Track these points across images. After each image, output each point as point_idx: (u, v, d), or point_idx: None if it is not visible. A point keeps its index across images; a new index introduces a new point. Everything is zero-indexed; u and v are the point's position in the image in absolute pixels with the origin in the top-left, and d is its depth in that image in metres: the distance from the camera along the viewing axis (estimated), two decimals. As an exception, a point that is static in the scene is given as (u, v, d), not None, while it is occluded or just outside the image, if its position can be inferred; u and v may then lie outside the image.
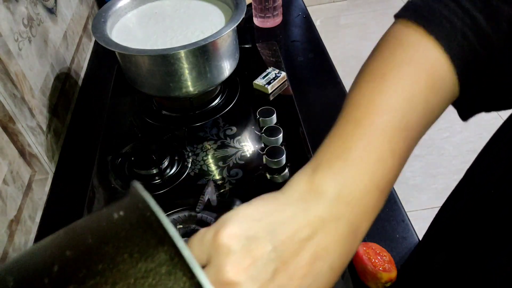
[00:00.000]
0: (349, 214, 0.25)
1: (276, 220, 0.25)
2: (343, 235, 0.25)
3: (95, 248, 0.21)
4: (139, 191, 0.24)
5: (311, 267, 0.24)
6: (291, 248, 0.24)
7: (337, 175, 0.26)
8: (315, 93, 0.89)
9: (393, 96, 0.27)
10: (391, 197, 0.66)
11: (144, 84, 0.78)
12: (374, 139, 0.26)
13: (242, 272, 0.24)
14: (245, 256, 0.24)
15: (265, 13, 1.09)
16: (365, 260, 0.54)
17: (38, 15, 0.84)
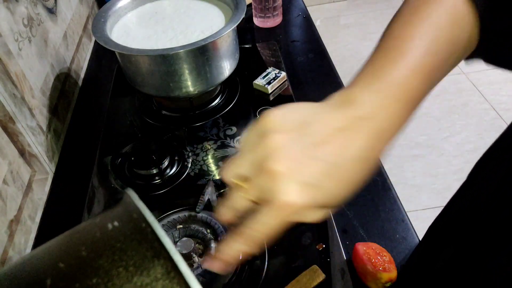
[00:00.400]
0: (379, 118, 0.29)
1: (317, 112, 0.29)
2: (372, 133, 0.29)
3: (89, 261, 0.20)
4: (133, 200, 0.23)
5: (340, 150, 0.28)
6: (326, 134, 0.28)
7: (367, 88, 0.30)
8: (315, 93, 0.89)
9: (423, 28, 0.31)
10: (391, 197, 0.67)
11: (144, 84, 0.78)
12: (407, 61, 0.30)
13: (284, 139, 0.28)
14: (288, 129, 0.28)
15: (265, 13, 1.09)
16: (365, 260, 0.54)
17: (38, 15, 0.84)
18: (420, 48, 0.30)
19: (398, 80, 0.29)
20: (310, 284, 0.54)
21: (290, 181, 0.27)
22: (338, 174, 0.28)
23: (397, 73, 0.30)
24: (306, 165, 0.27)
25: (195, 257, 0.57)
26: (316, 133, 0.28)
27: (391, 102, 0.29)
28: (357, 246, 0.56)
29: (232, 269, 0.35)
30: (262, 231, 0.28)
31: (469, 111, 1.94)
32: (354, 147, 0.28)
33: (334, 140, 0.28)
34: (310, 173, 0.28)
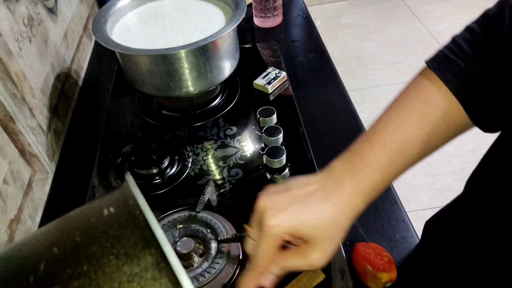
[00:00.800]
0: (347, 182, 0.37)
1: (296, 180, 0.39)
2: (340, 201, 0.37)
3: (82, 247, 0.20)
4: (131, 186, 0.23)
5: (306, 193, 0.37)
6: (303, 187, 0.38)
7: (344, 162, 0.39)
8: (315, 93, 0.89)
9: (396, 126, 0.39)
10: (391, 197, 0.67)
11: (144, 84, 0.78)
12: (380, 161, 0.38)
13: (265, 198, 0.37)
14: (269, 194, 0.38)
15: (265, 13, 1.09)
16: (365, 260, 0.54)
17: (39, 15, 0.84)
18: (390, 129, 0.38)
19: (365, 154, 0.38)
20: (310, 284, 0.54)
21: (272, 210, 0.36)
22: (311, 211, 0.36)
23: (366, 149, 0.38)
24: (285, 203, 0.36)
25: (195, 257, 0.57)
26: (298, 187, 0.38)
27: (357, 169, 0.38)
28: (357, 246, 0.56)
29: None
30: (259, 256, 0.37)
31: (469, 111, 1.93)
32: (330, 198, 0.37)
33: (314, 193, 0.37)
34: (283, 207, 0.36)
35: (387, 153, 0.38)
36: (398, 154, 0.38)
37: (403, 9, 2.77)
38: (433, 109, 0.38)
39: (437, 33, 2.49)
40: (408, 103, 0.39)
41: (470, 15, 1.74)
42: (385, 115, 0.40)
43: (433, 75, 0.39)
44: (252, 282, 0.38)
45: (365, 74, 2.29)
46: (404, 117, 0.38)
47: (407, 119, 0.38)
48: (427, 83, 0.39)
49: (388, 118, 0.39)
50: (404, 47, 2.42)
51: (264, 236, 0.36)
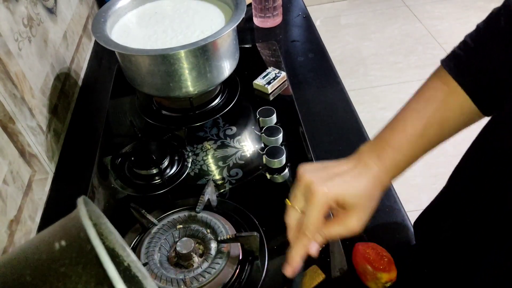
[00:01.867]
0: (375, 168, 0.43)
1: (329, 163, 0.45)
2: (371, 176, 0.43)
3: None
4: (81, 216, 0.22)
5: (344, 169, 0.43)
6: (338, 167, 0.43)
7: (372, 148, 0.45)
8: (315, 93, 0.89)
9: (415, 113, 0.44)
10: (391, 197, 0.66)
11: (144, 84, 0.78)
12: (401, 136, 0.44)
13: (308, 173, 0.43)
14: (312, 169, 0.43)
15: (265, 13, 1.09)
16: (365, 260, 0.54)
17: (38, 15, 0.84)
18: (410, 116, 0.44)
19: (388, 137, 0.44)
20: (310, 284, 0.54)
21: (319, 183, 0.41)
22: (352, 183, 0.42)
23: (389, 133, 0.45)
24: (328, 178, 0.41)
25: (195, 257, 0.57)
26: (334, 167, 0.43)
27: (380, 149, 0.44)
28: (357, 246, 0.56)
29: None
30: (308, 221, 0.41)
31: (469, 111, 1.93)
32: (362, 175, 0.42)
33: (349, 171, 0.43)
34: (328, 178, 0.41)
35: (408, 136, 0.43)
36: (418, 137, 0.43)
37: (403, 9, 2.77)
38: (451, 97, 0.43)
39: (437, 33, 2.49)
40: (427, 94, 0.45)
41: (469, 15, 1.77)
42: (406, 106, 0.46)
43: (446, 71, 0.44)
44: (303, 249, 0.42)
45: (365, 74, 2.29)
46: (423, 105, 0.44)
47: (426, 106, 0.44)
48: (444, 75, 0.44)
49: (408, 108, 0.45)
50: (404, 47, 2.42)
51: (314, 203, 0.40)
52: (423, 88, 0.46)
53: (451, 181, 0.52)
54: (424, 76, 0.47)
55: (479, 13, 2.70)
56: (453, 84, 0.43)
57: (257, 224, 0.62)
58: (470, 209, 0.45)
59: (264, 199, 0.67)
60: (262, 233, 0.61)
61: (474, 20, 0.43)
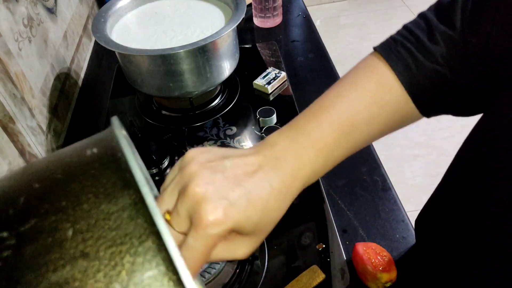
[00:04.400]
0: (290, 160, 0.33)
1: (234, 153, 0.33)
2: (286, 172, 0.32)
3: (62, 184, 0.21)
4: (115, 129, 0.23)
5: (254, 179, 0.31)
6: (241, 167, 0.31)
7: (282, 134, 0.35)
8: (315, 93, 0.89)
9: (346, 90, 0.37)
10: (391, 197, 0.67)
11: (144, 84, 0.78)
12: (324, 117, 0.36)
13: (202, 168, 0.31)
14: (206, 161, 0.31)
15: (265, 13, 1.09)
16: (365, 260, 0.54)
17: (38, 15, 0.84)
18: (340, 106, 0.36)
19: (311, 130, 0.35)
20: (310, 284, 0.54)
21: (213, 201, 0.28)
22: (254, 199, 0.30)
23: (312, 124, 0.35)
24: (227, 189, 0.29)
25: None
26: (230, 167, 0.31)
27: (300, 147, 0.33)
28: (357, 246, 0.56)
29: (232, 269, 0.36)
30: (190, 256, 0.28)
31: (469, 111, 1.94)
32: (267, 179, 0.31)
33: (249, 172, 0.31)
34: (228, 196, 0.29)
35: (334, 134, 0.35)
36: (344, 136, 0.35)
37: (403, 9, 2.77)
38: (384, 91, 0.37)
39: (437, 33, 2.49)
40: (359, 82, 0.37)
41: (470, 15, 1.67)
42: (334, 91, 0.38)
43: (383, 60, 0.38)
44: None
45: (365, 74, 2.29)
46: (355, 95, 0.36)
47: (357, 97, 0.36)
48: (379, 64, 0.38)
49: (337, 94, 0.38)
50: (404, 47, 2.42)
51: (201, 236, 0.28)
52: (357, 73, 0.39)
53: (446, 177, 0.52)
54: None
55: (479, 13, 2.71)
56: (389, 76, 0.37)
57: (257, 224, 0.62)
58: (463, 207, 0.45)
59: (264, 199, 0.67)
60: (262, 233, 0.61)
61: (474, 20, 0.42)
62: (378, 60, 0.38)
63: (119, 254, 0.18)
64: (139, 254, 0.18)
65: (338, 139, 0.35)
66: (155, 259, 0.18)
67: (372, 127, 0.36)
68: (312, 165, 0.34)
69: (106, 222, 0.19)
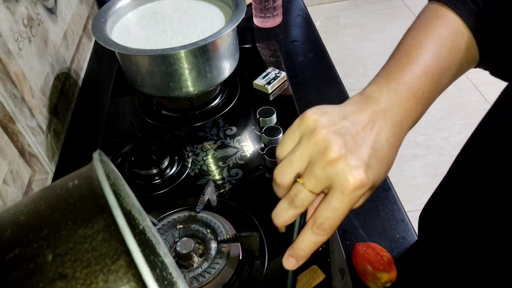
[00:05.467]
0: (395, 111, 0.35)
1: (345, 110, 0.35)
2: (393, 123, 0.34)
3: (45, 215, 0.23)
4: (94, 160, 0.25)
5: (375, 136, 0.33)
6: (359, 125, 0.33)
7: (383, 87, 0.36)
8: (315, 93, 0.89)
9: (429, 39, 0.38)
10: (391, 197, 0.67)
11: (144, 84, 0.78)
12: (416, 65, 0.36)
13: (331, 132, 0.32)
14: (330, 124, 0.32)
15: (265, 13, 1.09)
16: (365, 260, 0.54)
17: (38, 15, 0.84)
18: (427, 55, 0.37)
19: (408, 80, 0.36)
20: (310, 284, 0.54)
21: (354, 165, 0.31)
22: (380, 156, 0.33)
23: (408, 74, 0.36)
24: (357, 151, 0.31)
25: (195, 257, 0.57)
26: (351, 126, 0.33)
27: (403, 98, 0.35)
28: (357, 246, 0.56)
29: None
30: (334, 217, 0.31)
31: (469, 111, 1.94)
32: (383, 134, 0.33)
33: (368, 130, 0.33)
34: (363, 157, 0.31)
35: (429, 82, 0.36)
36: (436, 84, 0.37)
37: (403, 9, 2.77)
38: (459, 38, 0.38)
39: (437, 33, 2.49)
40: (436, 30, 0.38)
41: (470, 15, 1.66)
42: (414, 39, 0.38)
43: (449, 9, 0.39)
44: (314, 248, 0.33)
45: (365, 74, 2.29)
46: (436, 44, 0.37)
47: (438, 45, 0.37)
48: (446, 12, 0.39)
49: (419, 43, 0.38)
50: (404, 47, 2.42)
51: (348, 197, 0.30)
52: (429, 22, 0.39)
53: (450, 173, 0.52)
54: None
55: (479, 13, 2.70)
56: (459, 23, 0.38)
57: (257, 224, 0.62)
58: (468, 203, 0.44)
59: (264, 199, 0.67)
60: (262, 233, 0.61)
61: (474, 20, 0.42)
62: (445, 10, 0.39)
63: (94, 274, 0.20)
64: (112, 272, 0.20)
65: (431, 87, 0.36)
66: (126, 276, 0.20)
67: (451, 73, 0.38)
68: (414, 114, 0.36)
69: (83, 245, 0.21)
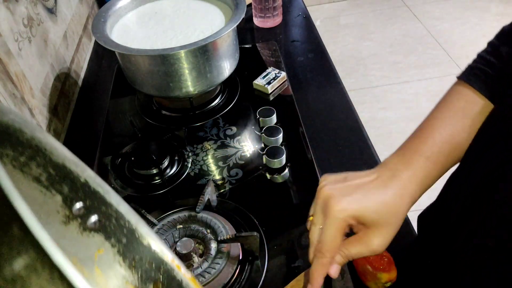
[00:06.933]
0: (403, 175, 0.40)
1: (353, 174, 0.42)
2: (399, 184, 0.40)
3: None
4: None
5: (371, 185, 0.40)
6: (361, 178, 0.41)
7: (399, 154, 0.43)
8: (315, 93, 0.89)
9: (442, 121, 0.43)
10: (391, 197, 0.66)
11: (144, 84, 0.78)
12: (432, 151, 0.42)
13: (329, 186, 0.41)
14: (332, 183, 0.42)
15: (265, 13, 1.09)
16: (365, 260, 0.54)
17: (38, 15, 0.84)
18: (438, 126, 0.43)
19: (417, 146, 0.42)
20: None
21: (338, 197, 0.39)
22: (373, 196, 0.39)
23: (417, 142, 0.42)
24: (349, 190, 0.40)
25: (195, 257, 0.57)
26: (356, 178, 0.41)
27: (410, 159, 0.41)
28: (357, 246, 0.56)
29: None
30: (327, 239, 0.39)
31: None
32: (387, 184, 0.40)
33: (372, 182, 0.40)
34: (352, 194, 0.39)
35: (437, 143, 0.41)
36: (447, 144, 0.41)
37: (403, 9, 2.77)
38: (472, 105, 0.43)
39: (437, 33, 2.49)
40: (449, 104, 0.44)
41: (469, 15, 1.77)
42: (429, 117, 0.45)
43: (465, 84, 0.45)
44: (322, 270, 0.41)
45: (365, 74, 2.29)
46: (447, 114, 0.43)
47: (450, 115, 0.43)
48: (463, 88, 0.45)
49: (432, 117, 0.44)
50: (404, 47, 2.42)
51: (330, 221, 0.39)
52: (446, 99, 0.46)
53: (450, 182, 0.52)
54: (424, 76, 0.48)
55: (479, 13, 2.71)
56: (472, 94, 0.44)
57: (257, 224, 0.62)
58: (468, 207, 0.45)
59: (264, 199, 0.67)
60: (262, 233, 0.61)
61: (474, 20, 0.43)
62: (462, 85, 0.45)
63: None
64: (4, 244, 0.18)
65: (442, 148, 0.41)
66: (23, 245, 0.18)
67: (470, 134, 0.43)
68: (423, 170, 0.40)
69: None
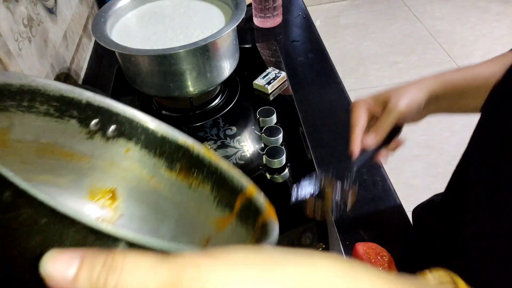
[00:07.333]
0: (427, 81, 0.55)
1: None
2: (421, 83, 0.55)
3: None
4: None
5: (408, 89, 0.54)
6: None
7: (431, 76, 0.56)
8: (315, 93, 0.89)
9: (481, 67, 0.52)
10: (391, 197, 0.67)
11: (144, 84, 0.78)
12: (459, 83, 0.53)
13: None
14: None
15: (265, 13, 1.09)
16: (365, 260, 0.54)
17: (38, 15, 0.84)
18: (476, 71, 0.52)
19: (448, 75, 0.52)
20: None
21: (397, 96, 0.53)
22: (413, 94, 0.54)
23: (451, 74, 0.52)
24: (401, 92, 0.54)
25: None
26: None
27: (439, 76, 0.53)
28: (357, 246, 0.56)
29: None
30: (386, 125, 0.51)
31: (469, 111, 1.94)
32: (414, 91, 0.54)
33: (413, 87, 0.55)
34: (404, 94, 0.54)
35: (470, 76, 0.51)
36: (474, 79, 0.50)
37: (403, 9, 2.77)
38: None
39: (437, 33, 2.49)
40: (487, 62, 0.52)
41: (469, 15, 1.78)
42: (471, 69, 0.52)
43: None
44: (373, 139, 0.52)
45: (365, 74, 2.29)
46: (489, 63, 0.51)
47: (491, 64, 0.50)
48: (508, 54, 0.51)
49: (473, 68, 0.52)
50: (404, 47, 2.42)
51: (392, 113, 0.51)
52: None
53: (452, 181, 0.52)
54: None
55: (479, 14, 2.71)
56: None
57: (257, 224, 0.62)
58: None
59: (264, 199, 0.67)
60: (262, 233, 0.61)
61: (474, 20, 0.43)
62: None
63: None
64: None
65: (469, 80, 0.51)
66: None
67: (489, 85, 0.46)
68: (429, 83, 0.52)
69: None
